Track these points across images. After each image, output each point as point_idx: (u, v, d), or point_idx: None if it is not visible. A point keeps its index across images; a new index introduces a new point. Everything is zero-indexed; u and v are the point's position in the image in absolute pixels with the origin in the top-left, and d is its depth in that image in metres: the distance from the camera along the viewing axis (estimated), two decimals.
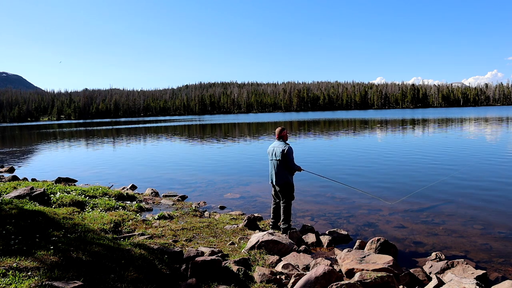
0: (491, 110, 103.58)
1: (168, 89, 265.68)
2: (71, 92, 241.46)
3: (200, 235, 6.42)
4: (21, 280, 3.52)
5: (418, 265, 5.30)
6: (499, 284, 4.25)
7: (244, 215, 7.93)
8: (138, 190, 10.96)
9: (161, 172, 14.49)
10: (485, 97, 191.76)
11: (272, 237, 5.71)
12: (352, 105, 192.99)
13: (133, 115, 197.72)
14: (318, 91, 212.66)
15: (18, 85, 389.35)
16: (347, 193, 9.66)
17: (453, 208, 8.12)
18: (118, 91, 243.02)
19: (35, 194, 7.74)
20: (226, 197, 9.95)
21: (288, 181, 6.59)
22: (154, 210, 8.44)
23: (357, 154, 17.87)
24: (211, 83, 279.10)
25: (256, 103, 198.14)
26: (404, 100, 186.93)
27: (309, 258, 5.33)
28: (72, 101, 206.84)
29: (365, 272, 4.40)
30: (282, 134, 6.76)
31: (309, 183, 10.79)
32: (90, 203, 8.10)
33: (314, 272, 4.23)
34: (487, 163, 13.96)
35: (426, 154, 16.82)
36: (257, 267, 4.72)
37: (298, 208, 8.26)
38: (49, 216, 6.17)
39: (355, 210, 8.24)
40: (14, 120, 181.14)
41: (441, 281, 4.41)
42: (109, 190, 9.64)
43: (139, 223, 6.96)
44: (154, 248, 5.08)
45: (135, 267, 4.29)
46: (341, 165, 14.63)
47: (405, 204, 8.48)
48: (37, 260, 4.00)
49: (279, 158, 6.53)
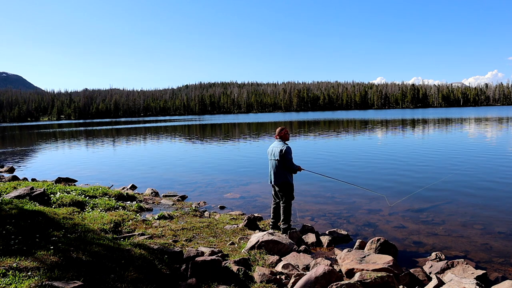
0: (491, 110, 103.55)
1: (168, 89, 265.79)
2: (71, 92, 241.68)
3: (200, 235, 6.42)
4: (21, 280, 3.52)
5: (418, 265, 5.30)
6: (499, 284, 4.24)
7: (244, 215, 7.94)
8: (138, 190, 10.96)
9: (161, 172, 14.50)
10: (485, 97, 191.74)
11: (272, 237, 5.71)
12: (352, 105, 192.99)
13: (133, 115, 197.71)
14: (318, 91, 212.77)
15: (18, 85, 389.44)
16: (347, 193, 9.66)
17: (453, 208, 8.12)
18: (118, 91, 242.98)
19: (35, 194, 7.75)
20: (226, 197, 9.95)
21: (287, 181, 6.60)
22: (154, 210, 8.44)
23: (357, 154, 17.87)
24: (211, 83, 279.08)
25: (256, 103, 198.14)
26: (404, 100, 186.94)
27: (309, 258, 5.33)
28: (72, 101, 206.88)
29: (365, 272, 4.40)
30: (281, 134, 6.77)
31: (309, 183, 10.79)
32: (90, 203, 8.10)
33: (314, 272, 4.23)
34: (487, 163, 13.96)
35: (426, 154, 16.83)
36: (257, 267, 4.72)
37: (298, 208, 8.26)
38: (49, 216, 6.17)
39: (355, 210, 8.24)
40: (14, 120, 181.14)
41: (441, 281, 4.41)
42: (109, 190, 9.64)
43: (139, 223, 6.96)
44: (154, 248, 5.08)
45: (135, 267, 4.29)
46: (341, 165, 14.62)
47: (405, 204, 8.48)
48: (37, 260, 4.00)
49: (277, 158, 6.55)
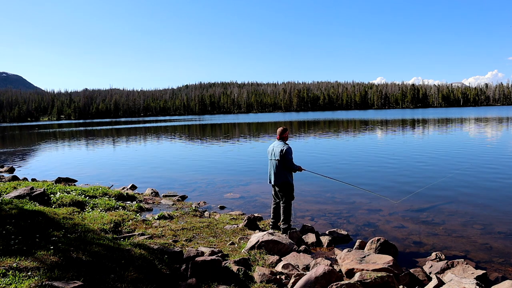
0: (491, 110, 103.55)
1: (168, 89, 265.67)
2: (71, 92, 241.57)
3: (200, 235, 6.42)
4: (21, 280, 3.52)
5: (418, 265, 5.30)
6: (499, 284, 4.24)
7: (244, 215, 7.94)
8: (138, 190, 10.96)
9: (161, 172, 14.49)
10: (485, 97, 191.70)
11: (272, 237, 5.71)
12: (352, 105, 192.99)
13: (133, 115, 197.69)
14: (318, 91, 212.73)
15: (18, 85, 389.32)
16: (347, 193, 9.66)
17: (453, 208, 8.12)
18: (118, 91, 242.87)
19: (35, 194, 7.74)
20: (226, 197, 9.95)
21: (287, 181, 6.60)
22: (154, 210, 8.44)
23: (357, 154, 17.87)
24: (211, 83, 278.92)
25: (256, 103, 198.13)
26: (404, 100, 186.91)
27: (309, 258, 5.33)
28: (72, 101, 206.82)
29: (365, 272, 4.40)
30: (284, 135, 6.78)
31: (309, 183, 10.79)
32: (90, 203, 8.10)
33: (314, 272, 4.23)
34: (487, 163, 13.95)
35: (426, 154, 16.82)
36: (257, 267, 4.72)
37: (298, 208, 8.26)
38: (49, 216, 6.17)
39: (355, 210, 8.24)
40: (14, 120, 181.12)
41: (441, 281, 4.41)
42: (109, 190, 9.64)
43: (139, 223, 6.96)
44: (154, 248, 5.08)
45: (135, 267, 4.29)
46: (341, 164, 14.62)
47: (405, 204, 8.48)
48: (37, 260, 4.00)
49: (278, 158, 6.55)
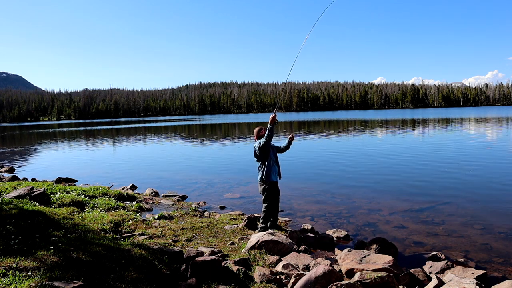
0: (491, 110, 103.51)
1: (168, 89, 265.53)
2: (71, 92, 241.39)
3: (200, 235, 6.42)
4: (21, 280, 3.52)
5: (418, 265, 5.29)
6: (499, 284, 4.24)
7: (244, 215, 7.93)
8: (138, 190, 10.96)
9: (161, 172, 14.49)
10: (485, 97, 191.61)
11: (272, 237, 5.71)
12: (352, 105, 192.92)
13: (133, 115, 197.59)
14: (318, 91, 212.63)
15: (18, 85, 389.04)
16: (347, 193, 9.66)
17: (453, 208, 8.12)
18: (118, 91, 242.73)
19: (35, 194, 7.75)
20: (226, 197, 9.95)
21: (268, 180, 6.56)
22: (154, 210, 8.44)
23: (357, 154, 17.86)
24: (211, 83, 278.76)
25: (256, 103, 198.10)
26: (404, 100, 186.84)
27: (309, 258, 5.33)
28: (72, 101, 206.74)
29: (365, 272, 4.40)
30: (260, 133, 6.78)
31: (309, 183, 10.80)
32: (90, 203, 8.10)
33: (314, 272, 4.23)
34: (487, 163, 13.95)
35: (425, 154, 16.82)
36: (257, 267, 4.72)
37: (298, 208, 8.27)
38: (49, 216, 6.18)
39: (355, 210, 8.24)
40: (14, 120, 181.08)
41: (441, 281, 4.41)
42: (109, 190, 9.64)
43: (139, 223, 6.97)
44: (154, 248, 5.08)
45: (135, 267, 4.29)
46: (340, 164, 14.62)
47: (405, 204, 8.48)
48: (37, 260, 4.00)
49: (257, 153, 6.58)
